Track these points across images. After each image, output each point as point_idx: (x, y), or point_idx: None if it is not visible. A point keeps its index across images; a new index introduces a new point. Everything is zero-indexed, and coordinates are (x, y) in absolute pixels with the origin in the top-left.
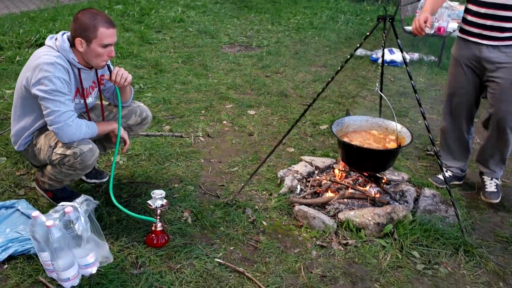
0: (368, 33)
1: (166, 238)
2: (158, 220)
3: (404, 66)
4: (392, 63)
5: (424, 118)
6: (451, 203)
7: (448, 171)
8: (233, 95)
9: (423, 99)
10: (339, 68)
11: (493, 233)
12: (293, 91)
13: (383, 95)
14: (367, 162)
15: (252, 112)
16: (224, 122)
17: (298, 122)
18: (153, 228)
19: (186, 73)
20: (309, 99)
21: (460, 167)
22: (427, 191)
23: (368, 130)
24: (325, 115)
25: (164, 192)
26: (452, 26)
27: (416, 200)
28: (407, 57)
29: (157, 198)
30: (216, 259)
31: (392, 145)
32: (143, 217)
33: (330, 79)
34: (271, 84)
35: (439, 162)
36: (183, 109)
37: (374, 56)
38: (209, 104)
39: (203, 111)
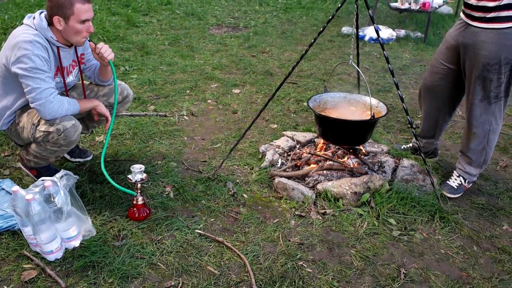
0: (340, 5)
1: (148, 211)
2: (139, 194)
3: (390, 43)
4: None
5: (398, 88)
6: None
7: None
8: (218, 75)
9: (409, 74)
10: (309, 45)
11: (469, 200)
12: (278, 69)
13: (357, 67)
14: (343, 135)
15: (237, 91)
16: (209, 101)
17: (274, 95)
18: (134, 202)
19: (172, 54)
20: (294, 77)
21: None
22: (406, 162)
23: (346, 106)
24: (310, 92)
25: (144, 166)
26: (438, 1)
27: (394, 170)
28: (394, 33)
29: (137, 172)
30: (196, 230)
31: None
32: (123, 188)
33: (300, 57)
34: (257, 64)
35: (413, 132)
36: (168, 90)
37: (360, 33)
38: (194, 84)
39: (188, 91)
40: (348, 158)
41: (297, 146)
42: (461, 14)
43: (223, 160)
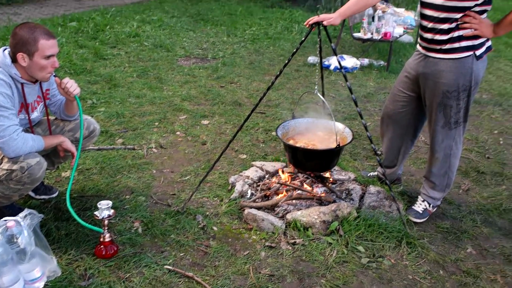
0: (303, 38)
1: (115, 248)
2: (106, 230)
3: (354, 71)
4: (343, 69)
5: (361, 117)
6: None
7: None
8: (187, 106)
9: (373, 102)
10: (276, 77)
11: (434, 225)
12: (247, 100)
13: (322, 97)
14: (311, 162)
15: (205, 122)
16: (178, 133)
17: (243, 126)
18: (101, 239)
19: (140, 86)
20: (262, 107)
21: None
22: (372, 188)
23: (314, 132)
24: (278, 121)
25: (111, 202)
26: (398, 31)
27: (361, 197)
28: (358, 62)
29: (104, 209)
30: (165, 266)
31: (334, 145)
32: (89, 225)
33: (267, 88)
34: (226, 94)
35: (378, 160)
36: (136, 122)
37: (326, 63)
38: (163, 116)
39: (156, 123)
40: (316, 187)
41: (267, 176)
42: (418, 46)
43: (192, 192)
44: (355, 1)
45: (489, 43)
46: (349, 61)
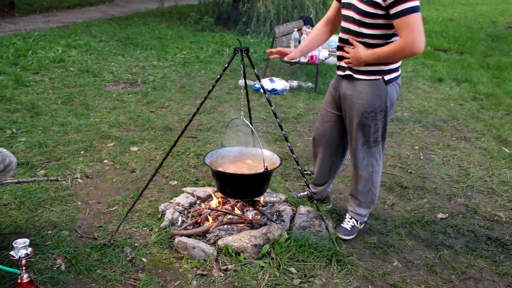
0: (226, 65)
1: None
2: (23, 271)
3: (284, 93)
4: (273, 91)
5: (287, 141)
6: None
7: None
8: (115, 133)
9: (303, 123)
10: (201, 104)
11: (363, 241)
12: (178, 124)
13: (248, 123)
14: (239, 189)
15: (135, 148)
16: (105, 161)
17: (171, 150)
18: (18, 281)
19: (65, 114)
20: (194, 131)
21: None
22: (302, 209)
23: (243, 160)
24: (209, 145)
25: (28, 240)
26: (324, 54)
27: (292, 218)
28: (288, 84)
29: (20, 248)
30: None
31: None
32: (4, 267)
33: (194, 113)
34: (156, 119)
35: (305, 181)
36: (60, 152)
37: (256, 85)
38: (89, 144)
39: (82, 152)
40: (247, 210)
41: (198, 202)
42: (337, 71)
43: (119, 224)
44: (310, 40)
45: (398, 73)
46: (279, 84)
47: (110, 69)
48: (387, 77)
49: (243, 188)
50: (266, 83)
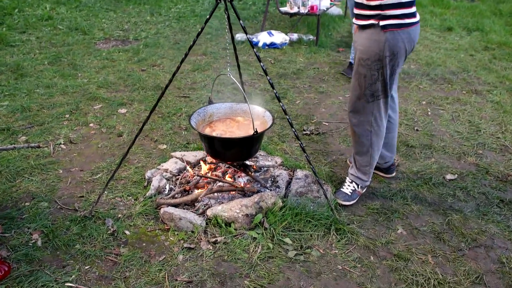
0: (208, 16)
1: (7, 268)
2: None
3: (283, 47)
4: (272, 45)
5: (279, 100)
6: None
7: None
8: (103, 94)
9: (303, 78)
10: (181, 62)
11: (365, 206)
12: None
13: (233, 78)
14: (228, 152)
15: (123, 110)
16: (91, 125)
17: (154, 109)
18: None
19: (52, 75)
20: (187, 90)
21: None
22: (299, 173)
23: (233, 117)
24: (203, 105)
25: None
26: (325, 4)
27: (289, 183)
28: (287, 37)
29: None
30: (67, 284)
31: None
32: None
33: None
34: (147, 78)
35: (300, 143)
36: (44, 116)
37: (254, 40)
38: (75, 107)
39: (67, 115)
40: (239, 177)
41: (187, 168)
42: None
43: (99, 194)
44: None
45: (404, 20)
46: (278, 37)
47: (100, 26)
48: (383, 22)
49: (231, 150)
50: (265, 37)
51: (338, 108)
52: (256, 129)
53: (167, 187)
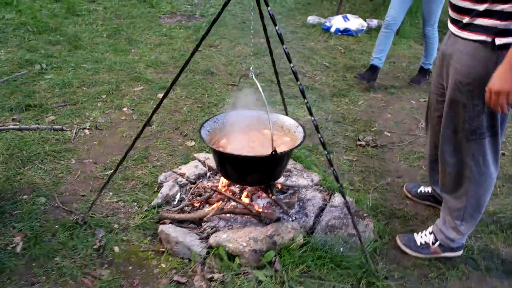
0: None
1: None
2: None
3: (359, 34)
4: (346, 31)
5: (310, 114)
6: (360, 216)
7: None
8: (149, 74)
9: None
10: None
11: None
12: (223, 67)
13: (256, 80)
14: (238, 172)
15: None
16: (124, 109)
17: (168, 93)
18: None
19: (105, 49)
20: (237, 77)
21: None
22: (337, 199)
23: (260, 130)
24: (251, 96)
25: None
26: None
27: (320, 212)
28: (365, 24)
29: None
30: None
31: (281, 148)
32: None
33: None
34: (200, 60)
35: (333, 170)
36: (80, 94)
37: (327, 24)
38: (115, 87)
39: (104, 96)
40: (258, 198)
41: (208, 174)
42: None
43: (93, 200)
44: None
45: None
46: (354, 22)
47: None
48: (501, 41)
49: (241, 172)
50: (339, 21)
51: (407, 116)
52: (275, 148)
53: (178, 196)
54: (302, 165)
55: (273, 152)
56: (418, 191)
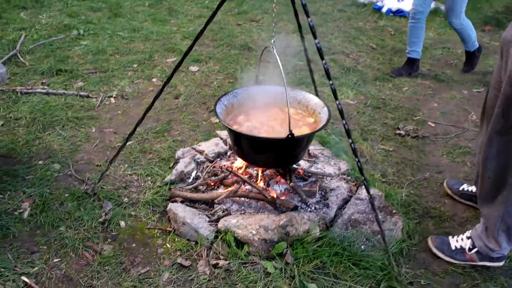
0: None
1: None
2: None
3: (402, 16)
4: (399, 12)
5: (336, 97)
6: (389, 212)
7: None
8: (184, 46)
9: (423, 59)
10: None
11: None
12: (262, 43)
13: (275, 54)
14: (252, 153)
15: (194, 68)
16: (154, 79)
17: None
18: None
19: (144, 18)
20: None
21: None
22: (365, 191)
23: (283, 107)
24: (288, 75)
25: None
26: None
27: (344, 204)
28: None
29: None
30: (22, 277)
31: (303, 130)
32: None
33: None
34: (239, 35)
35: (351, 145)
36: (113, 62)
37: (378, 4)
38: (148, 57)
39: (135, 65)
40: (276, 183)
41: (228, 154)
42: None
43: (104, 170)
44: None
45: None
46: (408, 3)
47: None
48: None
49: (255, 153)
50: (392, 1)
51: (456, 106)
52: (291, 131)
53: (193, 174)
54: (330, 151)
55: (290, 135)
56: (461, 188)
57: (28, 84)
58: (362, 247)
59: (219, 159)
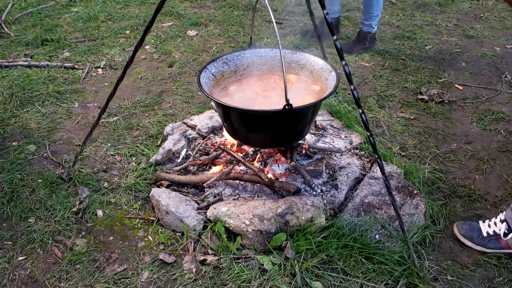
0: None
1: None
2: None
3: None
4: None
5: (342, 58)
6: (409, 193)
7: None
8: (183, 9)
9: (449, 13)
10: None
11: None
12: (269, 3)
13: (269, 8)
14: (244, 130)
15: (192, 32)
16: (147, 47)
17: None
18: None
19: None
20: (284, 14)
21: None
22: (378, 169)
23: (280, 73)
24: (291, 37)
25: None
26: None
27: (356, 184)
28: None
29: None
30: None
31: (306, 100)
32: None
33: None
34: None
35: (361, 115)
36: (104, 29)
37: None
38: (142, 22)
39: (127, 32)
40: (276, 162)
41: (224, 129)
42: None
43: (76, 154)
44: None
45: None
46: None
47: None
48: None
49: (247, 129)
50: None
51: (487, 65)
52: (288, 100)
53: (183, 153)
54: (341, 122)
55: (287, 105)
56: None
57: (10, 56)
58: (377, 236)
59: (212, 135)
